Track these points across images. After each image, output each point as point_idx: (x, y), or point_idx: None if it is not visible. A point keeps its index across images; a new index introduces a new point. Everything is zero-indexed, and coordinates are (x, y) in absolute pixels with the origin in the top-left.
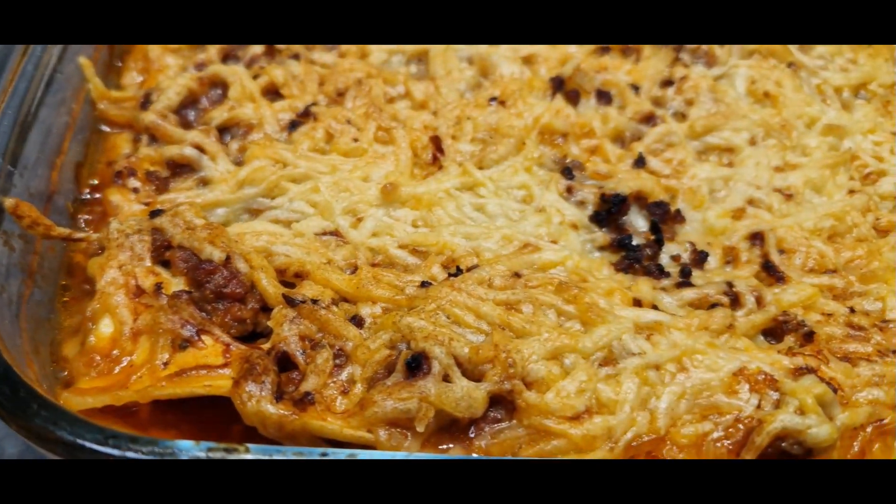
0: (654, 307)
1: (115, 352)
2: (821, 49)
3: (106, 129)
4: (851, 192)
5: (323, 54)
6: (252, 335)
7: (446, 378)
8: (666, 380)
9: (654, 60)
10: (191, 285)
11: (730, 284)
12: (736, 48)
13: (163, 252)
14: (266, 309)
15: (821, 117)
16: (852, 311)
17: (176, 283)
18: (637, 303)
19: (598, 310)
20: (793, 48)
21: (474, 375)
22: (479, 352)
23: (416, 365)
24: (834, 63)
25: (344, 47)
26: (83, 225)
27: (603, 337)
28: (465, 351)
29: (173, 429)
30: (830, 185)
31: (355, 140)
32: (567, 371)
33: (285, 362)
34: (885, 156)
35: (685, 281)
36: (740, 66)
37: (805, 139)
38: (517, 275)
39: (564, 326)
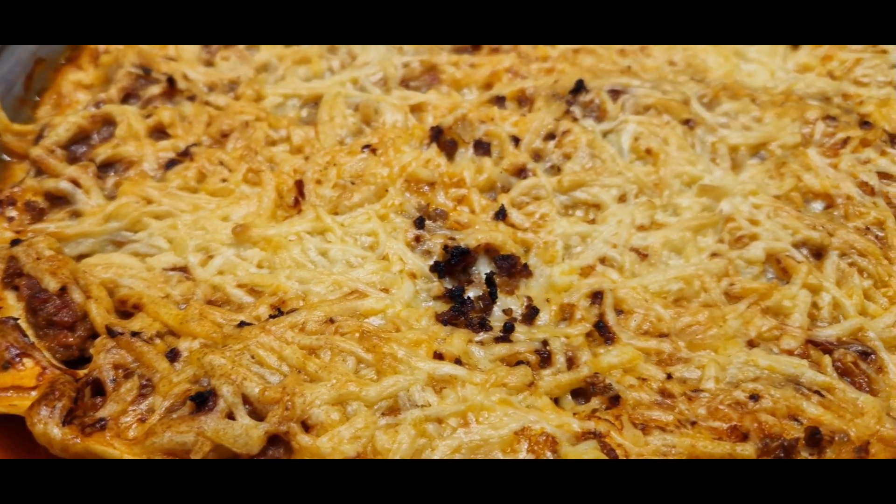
0: (458, 361)
1: None
2: (727, 106)
3: (7, 158)
4: (714, 255)
5: (219, 96)
6: (83, 360)
7: (231, 415)
8: (445, 433)
9: (542, 112)
10: (28, 311)
11: (545, 343)
12: (630, 103)
13: (15, 278)
14: (97, 336)
15: (702, 177)
16: (669, 377)
17: (17, 309)
18: (440, 356)
19: (393, 360)
20: (695, 104)
21: (263, 415)
22: (265, 392)
23: (202, 401)
24: (737, 121)
25: (240, 89)
26: None
27: (389, 387)
28: (255, 391)
29: None
30: (691, 248)
31: (224, 181)
32: (348, 417)
33: (100, 388)
34: (761, 219)
35: (505, 336)
36: (629, 122)
37: (678, 198)
38: (331, 321)
39: (361, 374)
